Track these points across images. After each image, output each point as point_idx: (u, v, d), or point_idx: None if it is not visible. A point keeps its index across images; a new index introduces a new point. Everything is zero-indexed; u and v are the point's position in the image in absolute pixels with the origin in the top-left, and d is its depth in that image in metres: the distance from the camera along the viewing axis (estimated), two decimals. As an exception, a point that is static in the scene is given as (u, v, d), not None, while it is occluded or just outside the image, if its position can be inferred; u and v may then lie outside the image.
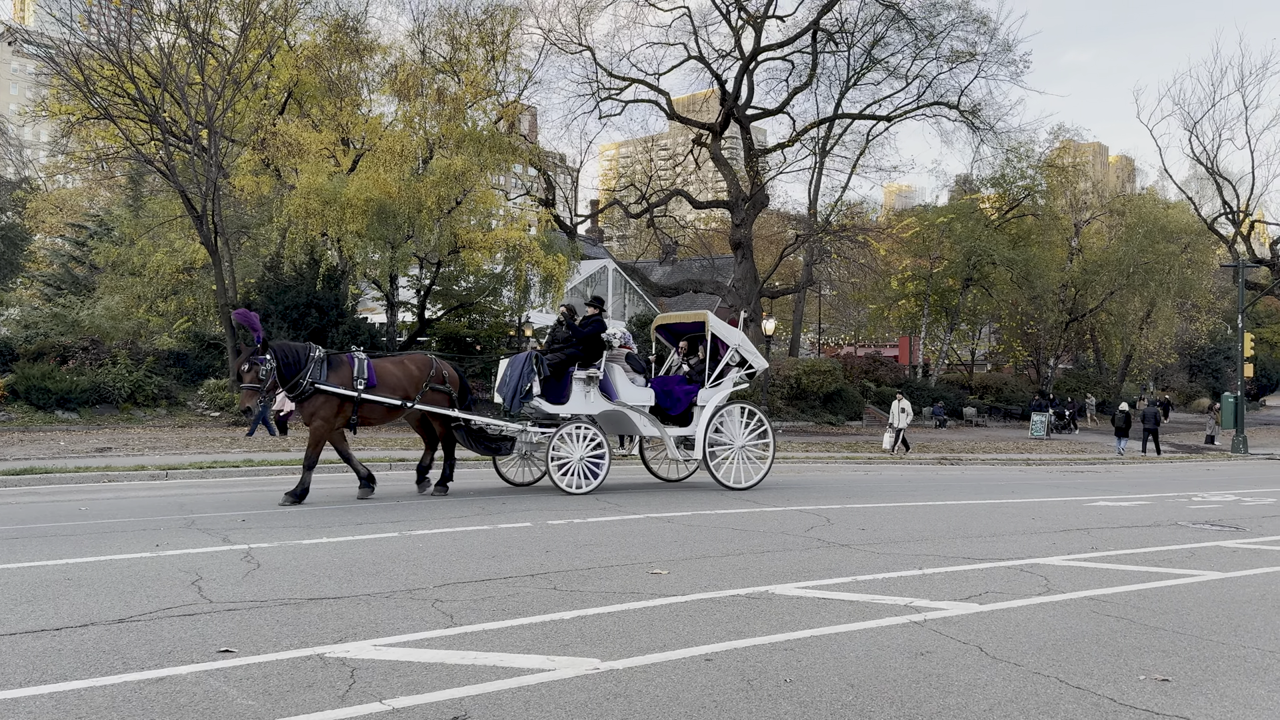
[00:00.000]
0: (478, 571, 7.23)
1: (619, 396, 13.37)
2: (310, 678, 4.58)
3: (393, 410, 12.04)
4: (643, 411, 13.61)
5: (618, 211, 52.66)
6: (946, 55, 43.81)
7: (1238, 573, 8.23)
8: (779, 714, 4.25)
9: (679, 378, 14.53)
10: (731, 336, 14.31)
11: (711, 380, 14.15)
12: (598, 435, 12.89)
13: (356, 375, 11.58)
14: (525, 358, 12.88)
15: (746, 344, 14.55)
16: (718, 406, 13.97)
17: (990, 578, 7.60)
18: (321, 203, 24.84)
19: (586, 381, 13.15)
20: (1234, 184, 40.76)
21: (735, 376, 14.43)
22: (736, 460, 14.13)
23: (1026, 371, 60.16)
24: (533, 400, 12.77)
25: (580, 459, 12.66)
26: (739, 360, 14.46)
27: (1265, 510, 13.96)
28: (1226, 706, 4.54)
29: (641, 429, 13.74)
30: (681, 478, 15.12)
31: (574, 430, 12.73)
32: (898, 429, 27.57)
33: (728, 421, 14.18)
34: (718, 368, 14.16)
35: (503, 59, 32.22)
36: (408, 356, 12.65)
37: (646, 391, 13.74)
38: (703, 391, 14.09)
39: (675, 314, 15.93)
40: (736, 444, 14.16)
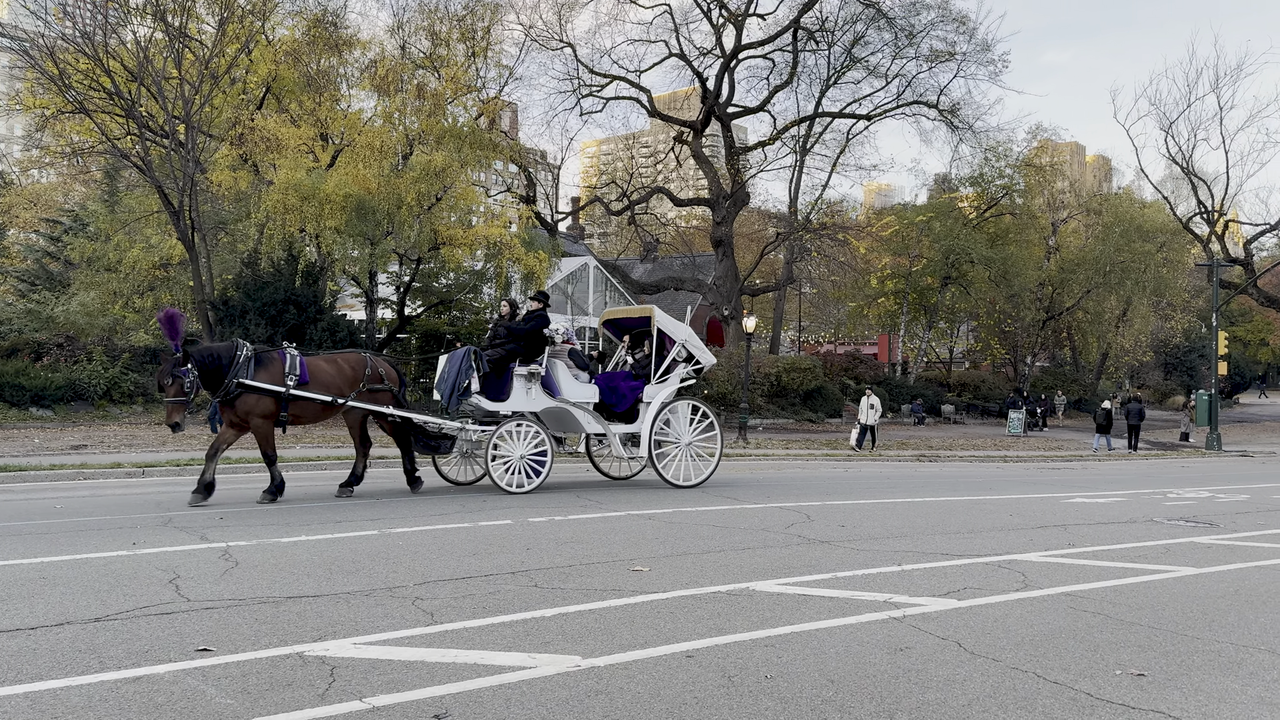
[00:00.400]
0: (458, 569, 7.21)
1: (562, 393, 13.09)
2: (289, 676, 4.55)
3: (327, 408, 11.63)
4: (586, 408, 13.30)
5: (599, 209, 52.64)
6: (926, 54, 44.08)
7: (1212, 569, 8.33)
8: (760, 710, 4.26)
9: (625, 374, 14.20)
10: (678, 331, 14.08)
11: (657, 376, 13.88)
12: (540, 433, 12.53)
13: (287, 372, 11.19)
14: (464, 354, 12.53)
15: (694, 339, 14.34)
16: (664, 403, 13.72)
17: (968, 574, 7.65)
18: (300, 199, 24.68)
19: (528, 378, 12.83)
20: (1209, 184, 41.20)
21: (682, 372, 14.15)
22: (683, 458, 13.88)
23: (1004, 369, 60.59)
24: (471, 397, 12.41)
25: (521, 457, 12.30)
26: (686, 356, 14.19)
27: (1239, 507, 14.13)
28: (1201, 700, 4.60)
29: (585, 426, 13.41)
30: (629, 475, 14.79)
31: (515, 428, 12.38)
32: (866, 425, 27.52)
33: (674, 418, 13.93)
34: (664, 363, 13.92)
35: (483, 55, 32.11)
36: (341, 354, 12.33)
37: (590, 388, 13.45)
38: (648, 388, 13.81)
39: (622, 308, 15.58)
40: (683, 441, 13.92)
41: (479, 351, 12.55)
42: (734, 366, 37.61)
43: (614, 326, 15.15)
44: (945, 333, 60.24)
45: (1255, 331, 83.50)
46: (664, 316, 14.09)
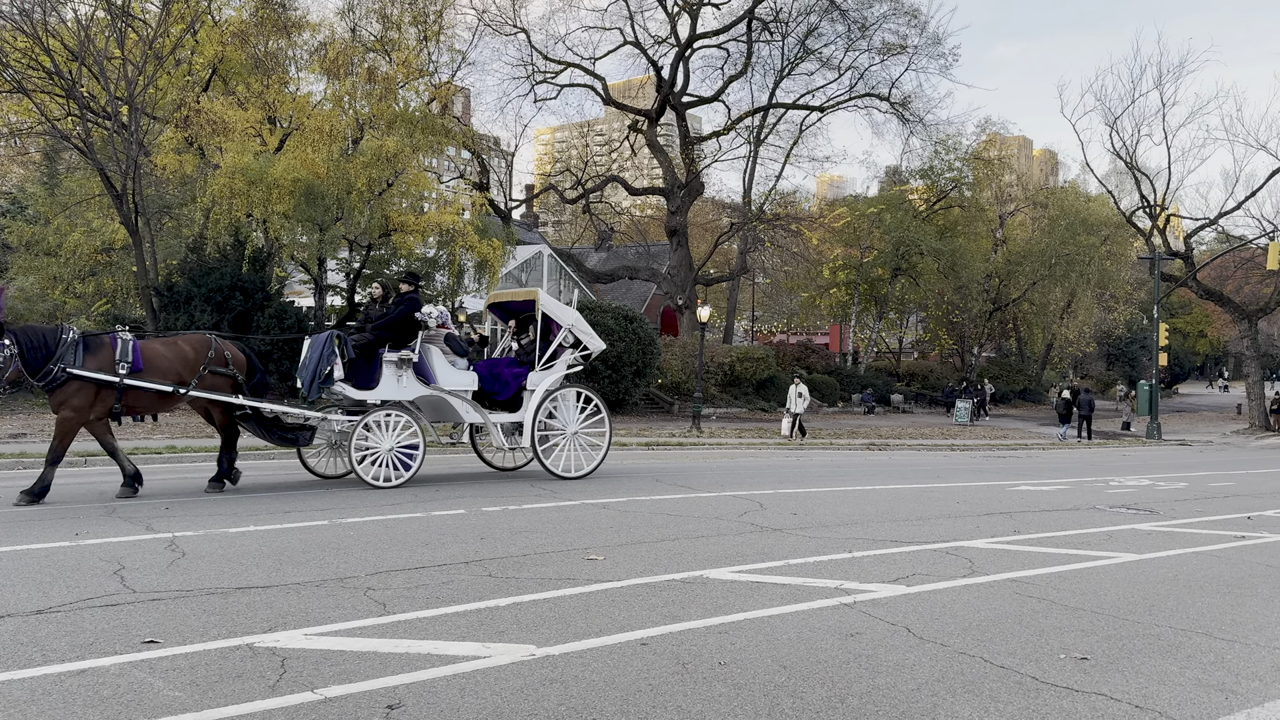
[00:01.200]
0: (411, 559, 7.16)
1: (437, 380, 12.40)
2: (239, 668, 4.49)
3: (165, 397, 10.72)
4: (464, 396, 12.67)
5: (553, 197, 52.45)
6: (878, 47, 44.52)
7: (1152, 554, 8.56)
8: (713, 696, 4.30)
9: (508, 360, 13.62)
10: (564, 316, 13.60)
11: (543, 363, 13.34)
12: (411, 423, 11.85)
13: (119, 358, 10.23)
14: (326, 337, 11.68)
15: (581, 324, 13.80)
16: (548, 390, 13.15)
17: (917, 560, 7.78)
18: (247, 183, 24.21)
19: (398, 364, 12.09)
20: (1151, 179, 42.12)
21: (569, 358, 13.65)
22: (570, 447, 13.34)
23: (951, 360, 61.58)
24: (334, 384, 11.63)
25: (389, 449, 11.58)
26: (573, 341, 13.65)
27: (1178, 494, 14.53)
28: (1141, 683, 4.73)
29: (464, 415, 12.76)
30: (516, 466, 14.30)
31: (382, 418, 11.66)
32: (795, 414, 27.37)
33: (561, 406, 13.39)
34: (549, 349, 13.40)
35: (435, 39, 31.69)
36: (182, 337, 11.45)
37: (468, 375, 12.80)
38: (533, 375, 13.23)
39: (507, 290, 14.76)
40: (569, 430, 13.37)
41: (343, 335, 11.82)
42: (688, 356, 37.74)
43: (500, 310, 14.53)
44: (895, 323, 61.05)
45: (1195, 323, 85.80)
46: (549, 300, 13.63)
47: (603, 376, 32.67)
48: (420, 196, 30.26)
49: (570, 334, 13.57)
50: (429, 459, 14.92)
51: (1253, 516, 11.72)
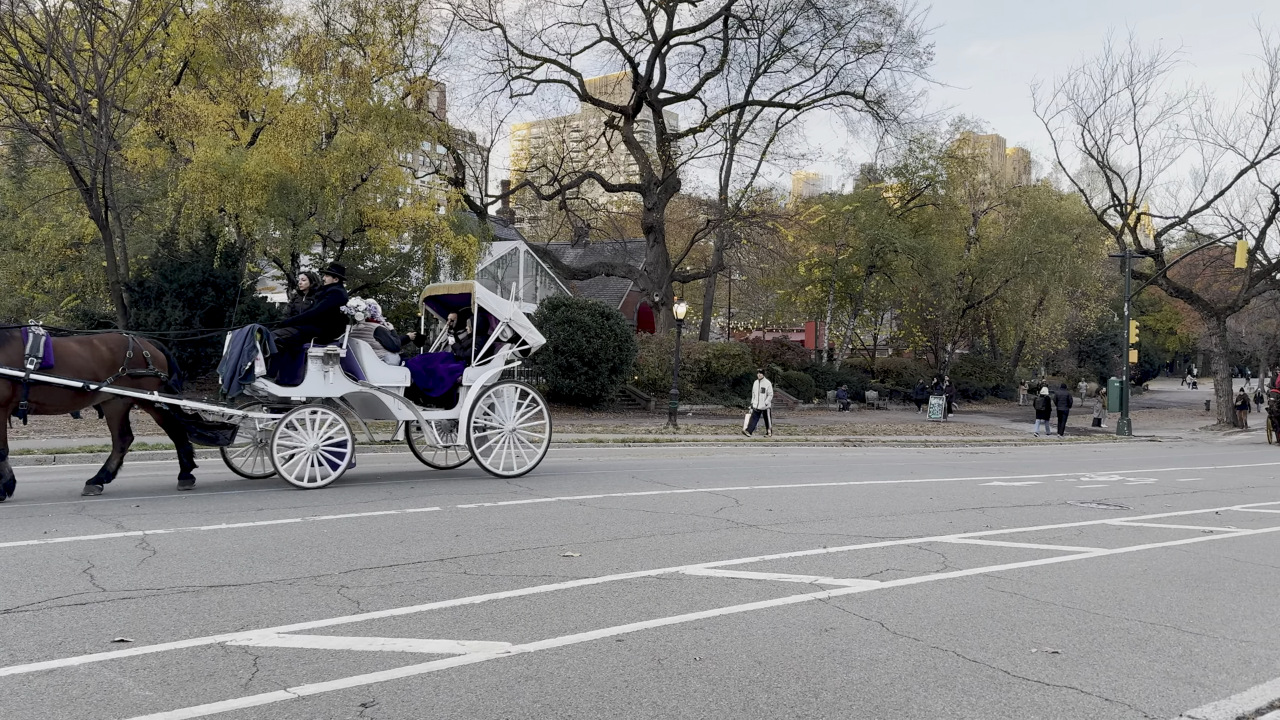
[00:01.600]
0: (385, 557, 7.12)
1: (366, 376, 11.93)
2: (211, 667, 4.45)
3: (79, 396, 10.22)
4: (395, 393, 12.18)
5: (529, 193, 52.28)
6: (854, 45, 44.69)
7: (1122, 549, 8.66)
8: (688, 692, 4.31)
9: (444, 355, 13.23)
10: (502, 309, 13.18)
11: (479, 358, 12.93)
12: (337, 420, 11.39)
13: (28, 353, 9.70)
14: (247, 332, 11.21)
15: (520, 318, 13.42)
16: (485, 386, 12.75)
17: (891, 556, 7.83)
18: (219, 177, 23.97)
19: (324, 360, 11.60)
20: (1122, 177, 42.59)
21: (507, 353, 13.25)
22: (507, 445, 12.93)
23: (925, 356, 62.00)
24: (255, 381, 11.15)
25: (315, 448, 11.13)
26: (511, 336, 13.25)
27: (1148, 489, 14.71)
28: (1111, 676, 4.78)
29: (395, 413, 12.29)
30: (454, 465, 13.84)
31: (306, 415, 11.18)
32: (758, 409, 27.08)
33: (499, 403, 12.96)
34: (486, 343, 12.99)
35: (410, 33, 31.55)
36: (99, 336, 10.91)
37: (400, 370, 12.33)
38: (468, 370, 12.82)
39: (445, 284, 14.18)
40: (506, 427, 12.93)
41: (265, 330, 11.32)
42: (664, 353, 37.77)
43: (437, 304, 14.06)
44: (870, 320, 61.43)
45: (1164, 321, 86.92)
46: (486, 293, 13.18)
47: (579, 373, 32.67)
48: (395, 192, 30.10)
49: (508, 328, 13.18)
50: (364, 458, 14.73)
51: (1220, 512, 11.89)
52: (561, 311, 33.04)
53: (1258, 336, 77.00)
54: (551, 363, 32.87)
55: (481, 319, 13.17)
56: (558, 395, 33.86)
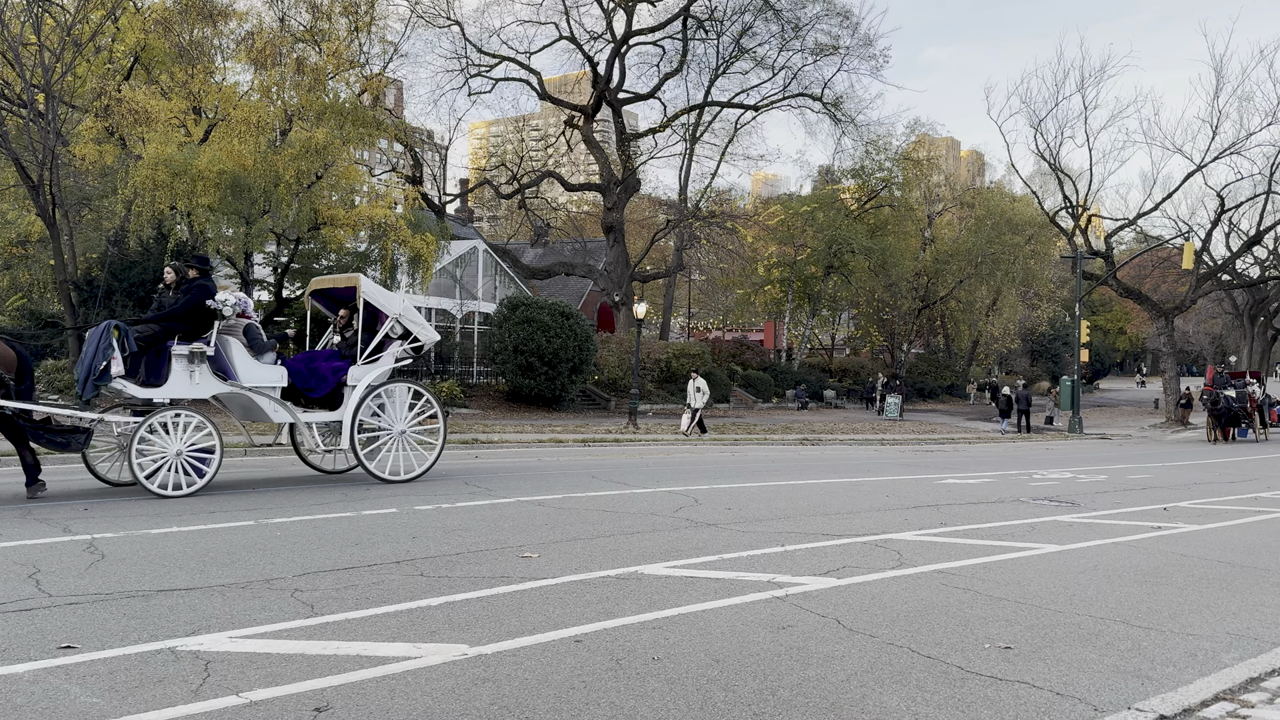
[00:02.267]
0: (340, 559, 7.04)
1: (237, 376, 11.19)
2: (161, 672, 4.37)
3: None
4: (269, 394, 11.43)
5: (488, 191, 52.01)
6: (811, 48, 45.06)
7: (1073, 545, 8.81)
8: (647, 692, 4.31)
9: (328, 352, 12.52)
10: (391, 304, 12.50)
11: (365, 356, 12.18)
12: (204, 424, 10.64)
13: None
14: (102, 329, 10.42)
15: (411, 313, 12.73)
16: (371, 386, 12.06)
17: (847, 553, 7.90)
18: (171, 174, 23.54)
19: (190, 359, 10.86)
20: (1074, 180, 43.33)
21: (397, 351, 12.51)
22: (398, 448, 12.24)
23: (882, 356, 62.65)
24: (112, 381, 10.41)
25: (178, 453, 10.39)
26: (401, 332, 12.55)
27: (1098, 486, 14.98)
28: (1062, 670, 4.86)
29: (271, 415, 11.56)
30: (344, 469, 13.03)
31: (170, 418, 10.45)
32: (694, 409, 26.58)
33: (388, 403, 12.28)
34: (373, 340, 12.28)
35: (367, 30, 31.21)
36: None
37: (275, 370, 11.55)
38: (353, 369, 12.07)
39: (330, 277, 13.68)
40: (396, 429, 12.26)
41: (123, 326, 10.57)
42: (625, 352, 37.78)
43: (324, 298, 13.26)
44: (828, 320, 61.92)
45: (1115, 320, 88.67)
46: (372, 287, 12.51)
47: (539, 373, 32.56)
48: (351, 190, 29.77)
49: (398, 324, 12.48)
50: (244, 462, 14.32)
51: (1168, 508, 12.14)
52: (521, 311, 32.91)
53: (1204, 336, 78.86)
54: (511, 362, 32.73)
55: (370, 315, 12.46)
56: (517, 395, 33.73)
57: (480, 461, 16.32)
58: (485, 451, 18.72)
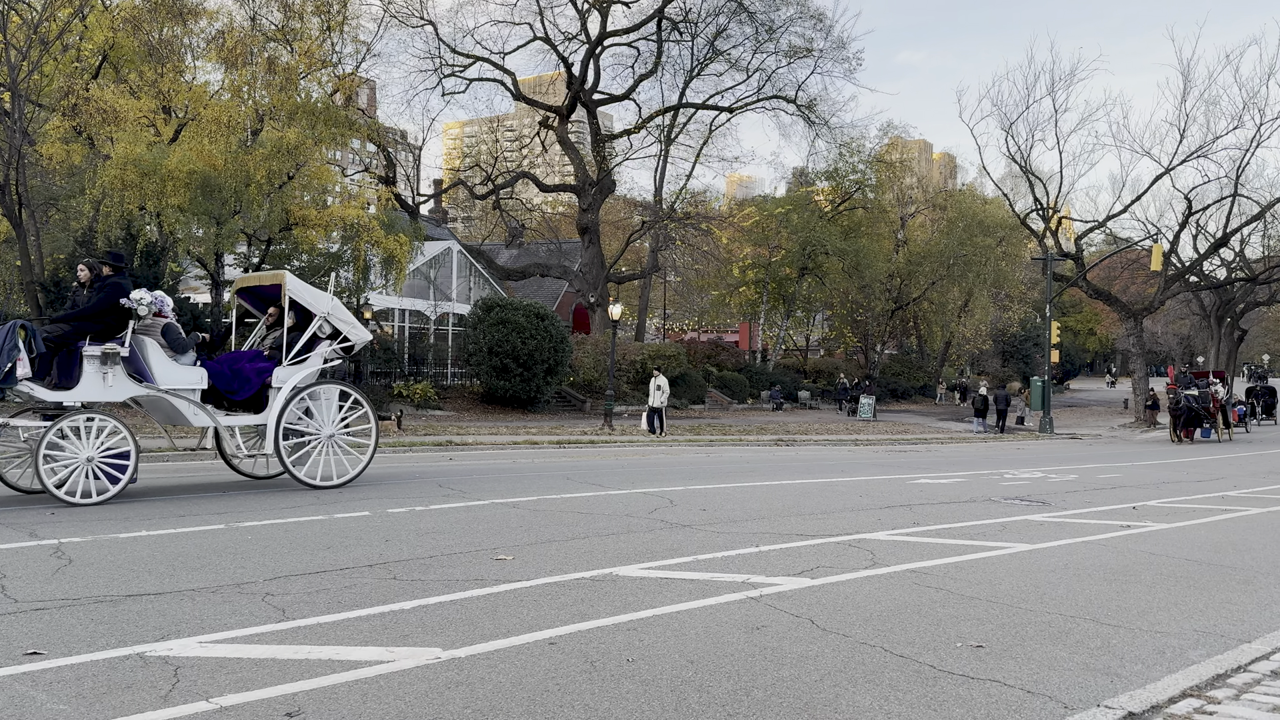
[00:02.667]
0: (312, 563, 6.98)
1: (154, 378, 10.69)
2: (129, 678, 4.32)
3: None
4: (188, 396, 10.92)
5: (462, 192, 51.81)
6: (785, 50, 45.22)
7: (1044, 544, 8.90)
8: (621, 693, 4.30)
9: (253, 353, 11.97)
10: (319, 303, 11.96)
11: (291, 356, 11.69)
12: (119, 428, 10.15)
13: None
14: (8, 329, 9.86)
15: (340, 311, 12.20)
16: (297, 388, 11.57)
17: (821, 553, 7.93)
18: (140, 174, 23.27)
19: (103, 360, 10.33)
20: (1045, 182, 43.76)
21: (325, 351, 12.03)
22: (326, 451, 11.76)
23: (856, 357, 62.99)
24: (18, 384, 9.92)
25: (89, 459, 9.91)
26: (330, 331, 12.07)
27: (1068, 486, 15.14)
28: (1033, 669, 4.91)
29: (191, 418, 11.02)
30: (274, 474, 12.39)
31: (80, 423, 9.94)
32: (655, 407, 26.34)
33: (315, 406, 11.79)
34: (301, 340, 11.80)
35: (339, 29, 31.01)
36: None
37: (194, 371, 11.02)
38: (279, 370, 11.57)
39: (256, 274, 13.07)
40: (324, 433, 11.77)
41: (30, 326, 10.08)
42: (600, 354, 37.74)
43: (252, 297, 12.76)
44: (802, 321, 62.17)
45: (1085, 321, 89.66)
46: (299, 284, 12.00)
47: (514, 375, 32.46)
48: (323, 190, 29.52)
49: (327, 323, 12.00)
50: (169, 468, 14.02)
51: (1137, 507, 12.29)
52: (496, 312, 32.80)
53: (1173, 337, 79.89)
54: (486, 364, 32.61)
55: (298, 313, 11.97)
56: (492, 397, 33.61)
57: (454, 464, 16.25)
58: (459, 453, 18.64)
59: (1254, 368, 59.79)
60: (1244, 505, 12.95)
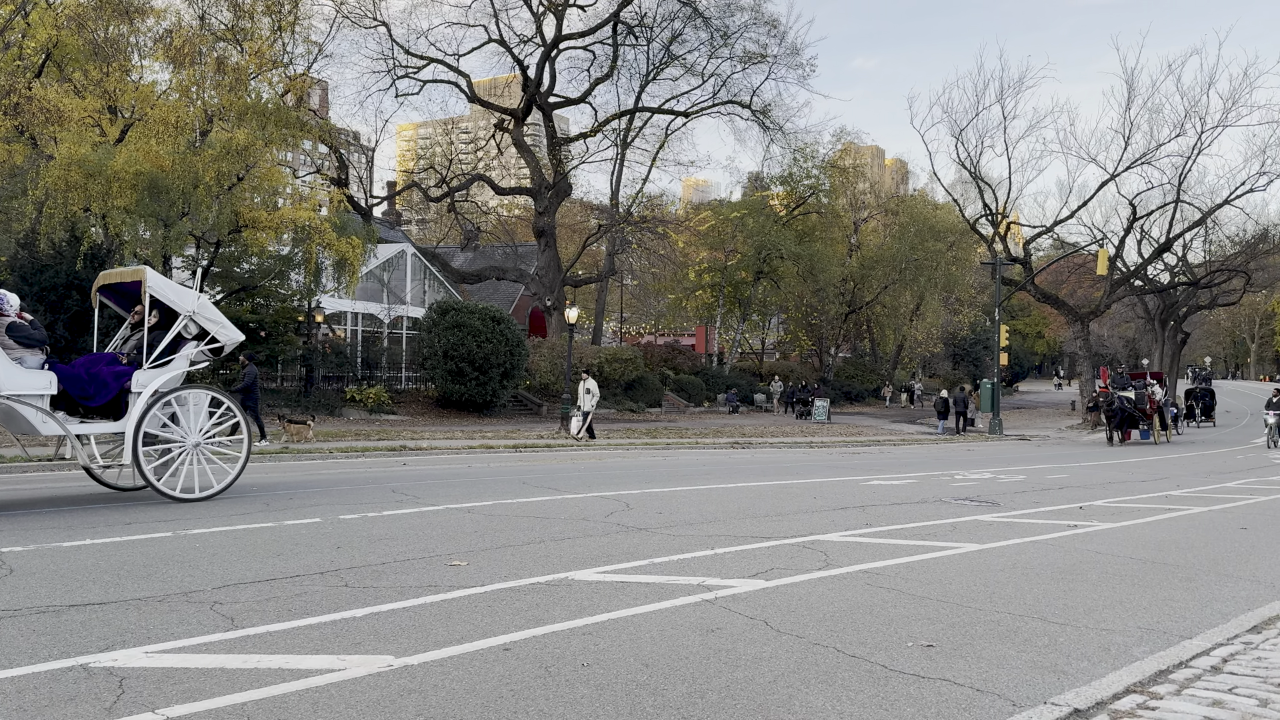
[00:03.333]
0: (261, 571, 6.88)
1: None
2: (72, 690, 4.22)
3: None
4: (34, 403, 9.95)
5: (417, 194, 51.44)
6: (740, 55, 45.54)
7: (993, 544, 9.04)
8: (576, 698, 4.30)
9: (110, 355, 11.16)
10: (183, 301, 11.04)
11: (152, 359, 10.81)
12: None
13: None
14: None
15: (207, 310, 11.32)
16: (159, 393, 10.65)
17: (776, 555, 7.99)
18: (84, 175, 22.78)
19: None
20: (994, 188, 44.55)
21: (191, 353, 11.16)
22: (193, 461, 10.86)
23: (811, 360, 63.57)
24: None
25: None
26: (197, 332, 11.19)
27: (1017, 486, 15.40)
28: (983, 667, 4.98)
29: (38, 426, 10.04)
30: (141, 485, 11.31)
31: None
32: (584, 411, 25.76)
33: (182, 412, 10.88)
34: (164, 341, 10.88)
35: (290, 29, 30.62)
36: None
37: (41, 376, 10.09)
38: (139, 374, 10.65)
39: (118, 270, 12.12)
40: (190, 441, 10.85)
41: None
42: (557, 357, 37.65)
43: (115, 294, 11.82)
44: (758, 325, 62.62)
45: (1033, 325, 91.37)
46: (161, 281, 11.10)
47: (470, 378, 32.27)
48: (274, 192, 29.11)
49: (192, 323, 11.11)
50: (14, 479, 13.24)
51: (1084, 506, 12.54)
52: (451, 316, 32.58)
53: (1119, 340, 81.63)
54: (441, 368, 32.38)
55: (160, 312, 11.06)
56: (447, 401, 33.37)
57: (408, 469, 16.10)
58: (414, 458, 18.48)
59: (1198, 370, 61.30)
60: (1187, 504, 13.28)
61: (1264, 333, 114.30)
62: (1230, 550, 9.22)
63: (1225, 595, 7.05)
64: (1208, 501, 13.74)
